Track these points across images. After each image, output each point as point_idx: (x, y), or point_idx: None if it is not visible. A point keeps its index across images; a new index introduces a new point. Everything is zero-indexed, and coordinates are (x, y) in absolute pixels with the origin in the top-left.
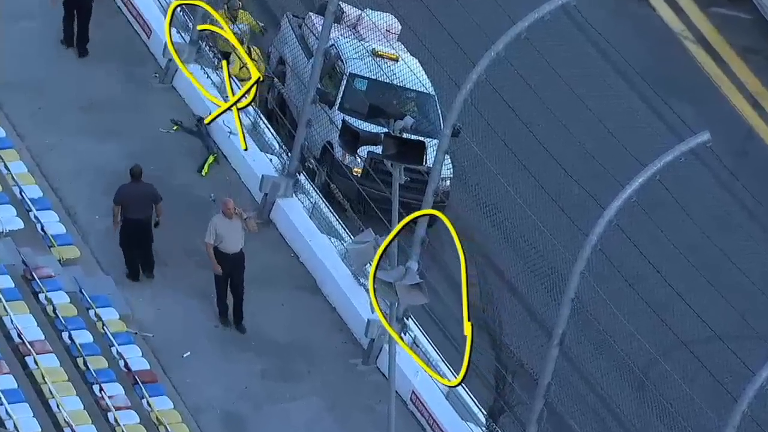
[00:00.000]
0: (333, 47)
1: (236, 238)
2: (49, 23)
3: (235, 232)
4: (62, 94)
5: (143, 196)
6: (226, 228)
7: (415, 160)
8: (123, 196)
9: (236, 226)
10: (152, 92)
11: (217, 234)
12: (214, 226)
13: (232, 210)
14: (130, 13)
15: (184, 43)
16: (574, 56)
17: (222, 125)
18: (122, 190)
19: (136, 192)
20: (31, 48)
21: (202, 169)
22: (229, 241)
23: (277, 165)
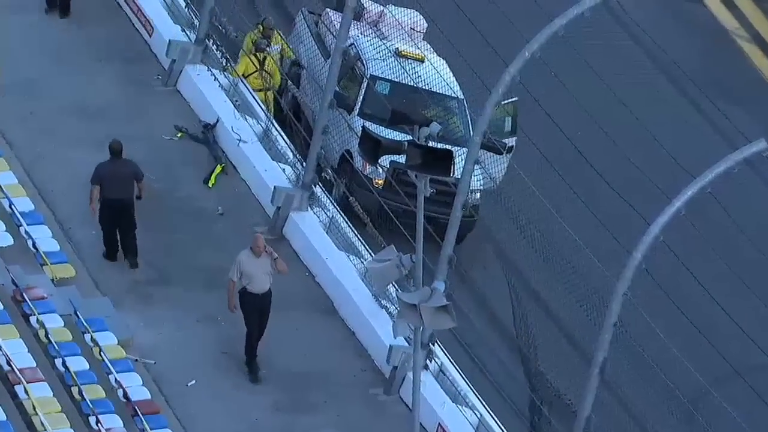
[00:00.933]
0: (352, 47)
1: (264, 278)
2: (44, 18)
3: (263, 271)
4: (56, 98)
5: (124, 174)
6: (254, 266)
7: (441, 170)
8: (102, 176)
9: (264, 265)
10: (154, 96)
11: (243, 272)
12: (240, 263)
13: (262, 248)
14: (130, 8)
15: (189, 43)
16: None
17: (231, 132)
18: (101, 168)
19: (116, 170)
20: (22, 45)
21: (208, 180)
22: (256, 280)
23: (291, 176)
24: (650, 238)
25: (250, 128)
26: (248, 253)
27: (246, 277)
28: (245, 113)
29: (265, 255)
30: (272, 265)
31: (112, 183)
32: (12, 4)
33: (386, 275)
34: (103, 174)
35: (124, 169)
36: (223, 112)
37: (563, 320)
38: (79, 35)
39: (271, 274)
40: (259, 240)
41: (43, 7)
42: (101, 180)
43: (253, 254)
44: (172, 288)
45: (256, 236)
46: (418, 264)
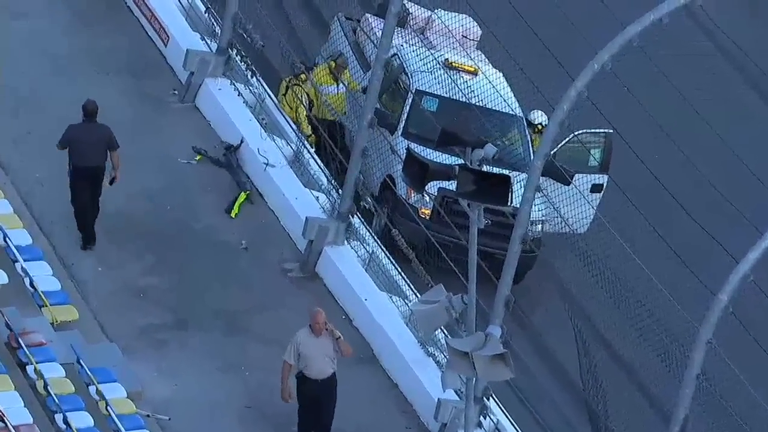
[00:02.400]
0: (395, 57)
1: (325, 361)
2: (46, 25)
3: (324, 353)
4: (57, 115)
5: (97, 139)
6: (313, 348)
7: (497, 198)
8: (72, 139)
9: (326, 346)
10: (170, 113)
11: (301, 355)
12: (297, 344)
13: (322, 326)
14: (142, 14)
15: (210, 53)
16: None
17: (256, 154)
18: (72, 131)
19: (88, 134)
20: (21, 55)
21: (231, 209)
22: (315, 363)
23: (326, 205)
24: (738, 278)
25: (279, 150)
26: (307, 332)
27: (303, 359)
28: (273, 133)
29: (326, 334)
30: (335, 346)
31: (84, 148)
32: (12, 8)
33: (434, 319)
34: (74, 137)
35: (98, 133)
36: (248, 132)
37: (637, 371)
38: (85, 44)
39: (333, 357)
40: (320, 316)
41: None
42: (71, 143)
43: (313, 333)
44: (189, 333)
45: (316, 312)
46: (470, 306)
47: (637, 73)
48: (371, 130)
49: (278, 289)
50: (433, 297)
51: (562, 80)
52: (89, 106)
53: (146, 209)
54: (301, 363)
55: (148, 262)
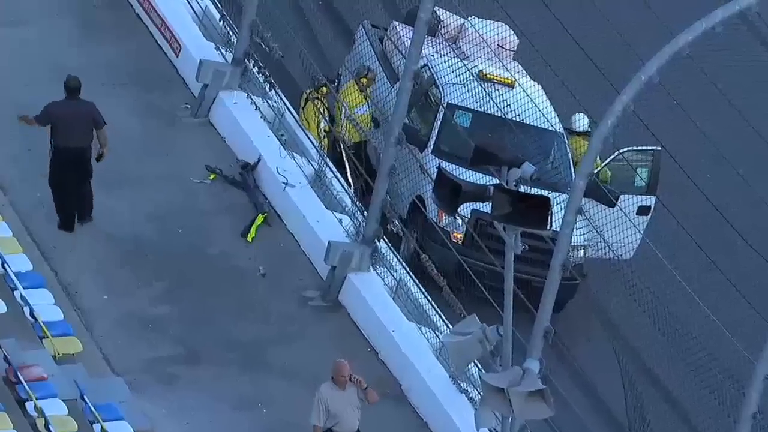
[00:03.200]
0: (425, 68)
1: (353, 413)
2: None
3: (351, 405)
4: None
5: (81, 117)
6: (340, 402)
7: (536, 221)
8: (55, 117)
9: (351, 398)
10: (182, 129)
11: (330, 413)
12: (324, 401)
13: (347, 377)
14: (152, 21)
15: (225, 63)
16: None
17: (275, 174)
18: (53, 108)
19: (72, 112)
20: (19, 66)
21: (247, 232)
22: (344, 419)
23: (350, 228)
24: None
25: (300, 169)
26: (330, 386)
27: (333, 417)
28: (293, 151)
29: (351, 385)
30: (360, 395)
31: (68, 127)
32: (11, 16)
33: (467, 352)
34: (57, 115)
35: (82, 110)
36: (266, 150)
37: (688, 410)
38: (90, 54)
39: (359, 406)
40: (344, 369)
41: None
42: (53, 122)
43: (337, 386)
44: (201, 367)
45: (340, 364)
46: (506, 338)
47: (688, 86)
48: (399, 148)
49: (298, 319)
50: (466, 328)
51: (606, 93)
52: (71, 81)
53: (156, 233)
54: (330, 421)
55: (158, 289)
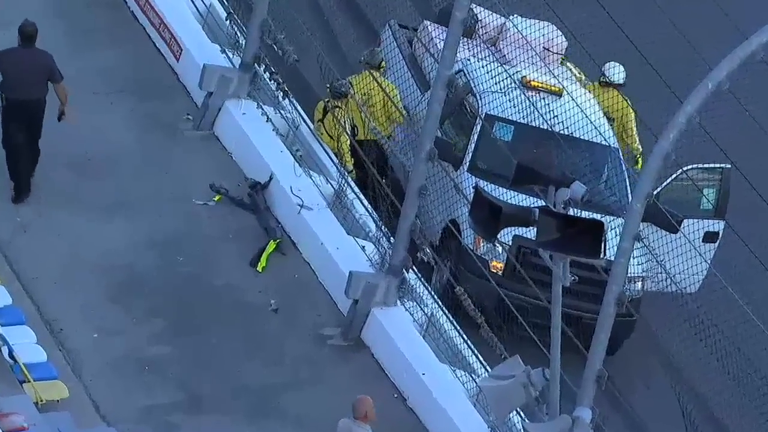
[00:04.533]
0: (461, 74)
1: None
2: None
3: None
4: (47, 145)
5: (36, 68)
6: None
7: (587, 249)
8: (6, 64)
9: None
10: (183, 143)
11: None
12: None
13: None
14: (150, 22)
15: (233, 69)
16: None
17: (289, 194)
18: (4, 57)
19: (25, 61)
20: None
21: (258, 261)
22: None
23: (374, 256)
24: None
25: (317, 189)
26: (352, 423)
27: None
28: (310, 168)
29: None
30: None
31: (20, 78)
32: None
33: (509, 398)
34: (8, 63)
35: (37, 60)
36: (278, 167)
37: None
38: (80, 59)
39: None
40: (366, 403)
41: None
42: (3, 71)
43: (360, 424)
44: (204, 415)
45: (361, 400)
46: (553, 382)
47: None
48: (431, 165)
49: (315, 360)
50: (508, 371)
51: (668, 103)
52: (27, 27)
53: (153, 262)
54: None
55: (156, 327)
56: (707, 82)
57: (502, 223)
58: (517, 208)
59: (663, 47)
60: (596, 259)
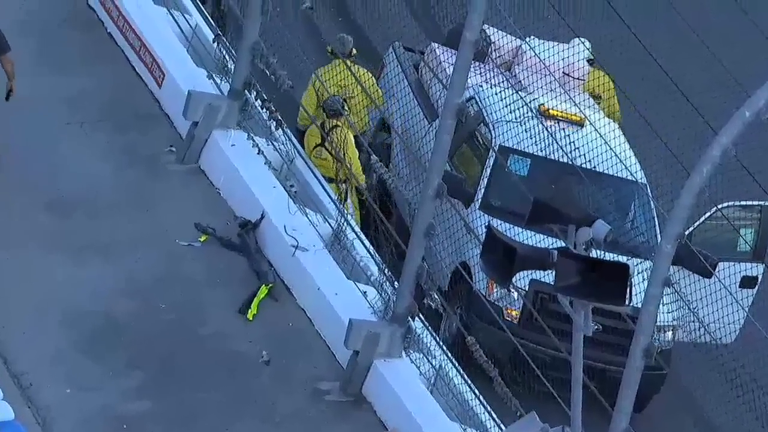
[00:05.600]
0: (472, 102)
1: None
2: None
3: None
4: (15, 182)
5: None
6: None
7: (611, 295)
8: None
9: None
10: (165, 178)
11: None
12: None
13: None
14: (129, 44)
15: (221, 96)
16: None
17: (282, 234)
18: None
19: None
20: None
21: (247, 308)
22: None
23: (377, 303)
24: None
25: (313, 228)
26: None
27: None
28: (306, 205)
29: None
30: None
31: None
32: None
33: None
34: None
35: None
36: (271, 204)
37: None
38: (52, 86)
39: None
40: None
41: None
42: None
43: None
44: None
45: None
46: None
47: None
48: (439, 202)
49: (311, 417)
50: (524, 429)
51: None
52: None
53: (133, 309)
54: None
55: (135, 380)
56: (744, 110)
57: (517, 266)
58: (533, 249)
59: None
60: (621, 306)
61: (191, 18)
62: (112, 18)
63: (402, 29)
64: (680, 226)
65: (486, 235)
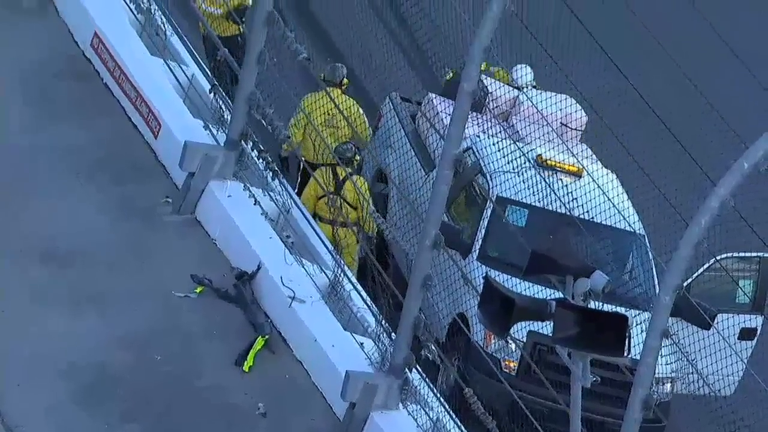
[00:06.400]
0: (470, 152)
1: None
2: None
3: None
4: (9, 235)
5: None
6: None
7: (610, 347)
8: None
9: None
10: (161, 229)
11: None
12: None
13: None
14: (125, 94)
15: (217, 146)
16: None
17: (279, 285)
18: None
19: None
20: None
21: (244, 360)
22: None
23: (374, 354)
24: None
25: (310, 279)
26: None
27: None
28: (302, 256)
29: None
30: None
31: None
32: None
33: None
34: None
35: None
36: (267, 255)
37: None
38: (44, 136)
39: None
40: None
41: None
42: None
43: None
44: None
45: None
46: None
47: None
48: (436, 252)
49: None
50: None
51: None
52: None
53: (128, 361)
54: None
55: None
56: (743, 161)
57: (515, 317)
58: (531, 300)
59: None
60: (620, 357)
61: (188, 69)
62: (108, 69)
63: (399, 79)
64: (678, 278)
65: (483, 286)
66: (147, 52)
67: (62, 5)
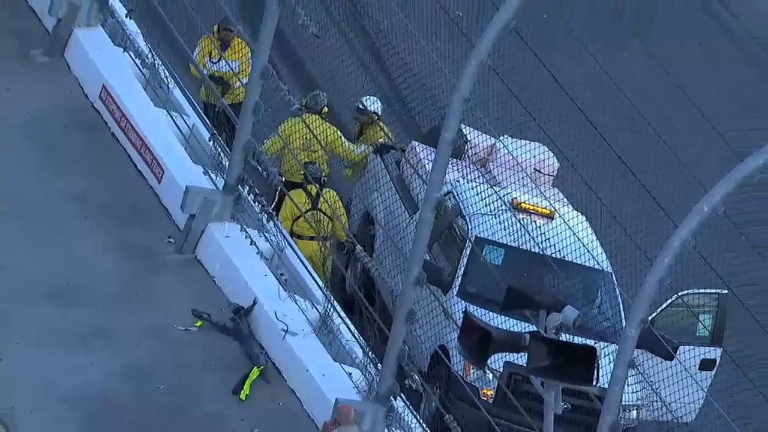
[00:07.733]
0: (450, 196)
1: None
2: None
3: None
4: (18, 275)
5: None
6: None
7: (580, 376)
8: None
9: None
10: (164, 268)
11: None
12: None
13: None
14: (130, 142)
15: (216, 191)
16: None
17: (273, 319)
18: None
19: None
20: None
21: (240, 389)
22: None
23: (361, 384)
24: None
25: (302, 314)
26: None
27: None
28: (295, 292)
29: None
30: None
31: None
32: None
33: None
34: None
35: None
36: (262, 291)
37: None
38: (55, 182)
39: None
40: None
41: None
42: None
43: None
44: None
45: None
46: None
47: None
48: (419, 289)
49: None
50: None
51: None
52: None
53: (131, 390)
54: None
55: None
56: (702, 205)
57: (492, 348)
58: (507, 333)
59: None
60: (589, 386)
61: (189, 118)
62: (115, 119)
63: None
64: (644, 312)
65: (463, 320)
66: (151, 104)
67: (73, 61)
